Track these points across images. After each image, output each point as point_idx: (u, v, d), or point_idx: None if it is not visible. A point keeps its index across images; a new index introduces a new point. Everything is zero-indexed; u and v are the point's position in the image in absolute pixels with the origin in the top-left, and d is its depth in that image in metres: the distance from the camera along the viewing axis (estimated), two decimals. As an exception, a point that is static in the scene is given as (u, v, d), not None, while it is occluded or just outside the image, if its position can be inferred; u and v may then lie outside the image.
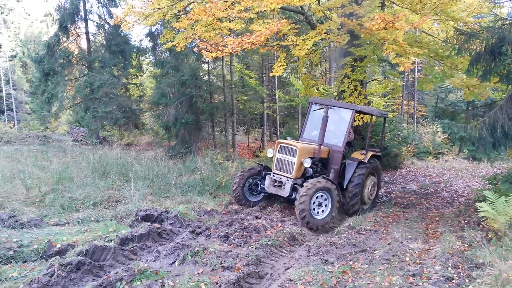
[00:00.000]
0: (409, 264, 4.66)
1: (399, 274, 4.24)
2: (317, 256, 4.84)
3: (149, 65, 23.77)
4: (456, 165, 17.72)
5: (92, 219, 6.64)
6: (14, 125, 37.36)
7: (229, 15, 9.08)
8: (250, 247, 5.05)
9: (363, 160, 8.24)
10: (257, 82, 20.22)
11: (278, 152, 7.80)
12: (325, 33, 8.78)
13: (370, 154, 8.47)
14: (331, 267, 4.41)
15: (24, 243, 5.30)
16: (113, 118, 18.42)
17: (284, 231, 5.88)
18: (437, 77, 11.07)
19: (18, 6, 46.27)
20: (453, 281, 4.02)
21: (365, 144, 9.08)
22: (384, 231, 6.47)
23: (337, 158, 8.06)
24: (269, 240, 5.28)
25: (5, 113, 39.31)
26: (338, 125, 8.51)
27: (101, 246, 4.61)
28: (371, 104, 17.20)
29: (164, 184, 8.98)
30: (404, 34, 7.94)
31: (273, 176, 7.71)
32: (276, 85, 22.31)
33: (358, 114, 10.39)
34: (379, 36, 7.56)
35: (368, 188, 8.46)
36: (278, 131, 23.46)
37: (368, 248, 5.34)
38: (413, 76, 25.88)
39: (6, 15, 43.82)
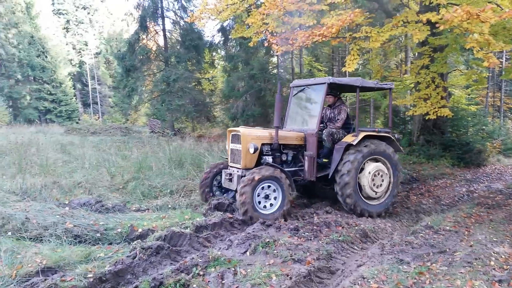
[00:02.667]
0: (494, 268, 4.30)
1: (482, 279, 3.94)
2: (391, 255, 4.67)
3: (221, 59, 24.48)
4: (550, 163, 15.95)
5: (169, 206, 7.05)
6: (99, 117, 40.78)
7: (300, 8, 8.97)
8: (320, 242, 5.01)
9: (352, 143, 6.78)
10: (326, 75, 19.87)
11: (231, 142, 6.94)
12: (401, 25, 8.28)
13: (362, 134, 6.89)
14: (407, 267, 4.23)
15: (109, 227, 5.79)
16: (185, 111, 19.30)
17: (356, 228, 5.75)
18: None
19: (102, 6, 50.06)
20: (547, 291, 3.65)
21: (445, 140, 8.33)
22: (466, 232, 6.04)
23: (312, 143, 6.91)
24: (340, 236, 5.20)
25: (91, 106, 43.02)
26: (314, 106, 7.43)
27: (178, 232, 4.87)
28: (452, 96, 16.08)
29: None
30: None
31: (228, 169, 6.96)
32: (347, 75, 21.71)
33: (362, 91, 8.02)
34: (461, 27, 6.95)
35: (368, 179, 6.86)
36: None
37: (447, 250, 5.03)
38: (500, 65, 23.65)
39: (92, 15, 47.66)
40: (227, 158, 7.24)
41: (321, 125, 7.40)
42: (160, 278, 3.72)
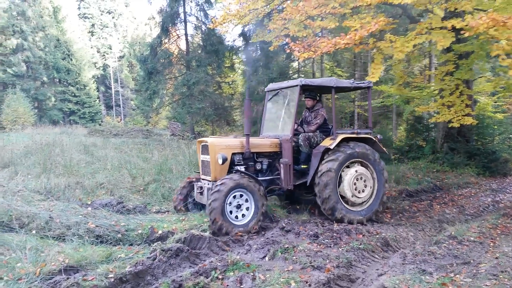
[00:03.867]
0: (521, 283, 4.15)
1: (509, 294, 3.81)
2: (413, 264, 4.56)
3: (241, 63, 24.60)
4: None
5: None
6: (121, 120, 41.54)
7: (322, 12, 8.91)
8: (340, 249, 4.95)
9: (329, 147, 6.44)
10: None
11: (201, 154, 6.61)
12: (426, 33, 8.09)
13: (340, 137, 6.55)
14: (429, 278, 4.12)
15: (130, 228, 5.87)
16: (205, 114, 19.48)
17: (377, 236, 5.65)
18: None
19: (126, 10, 51.16)
20: None
21: (470, 148, 8.04)
22: (491, 244, 5.85)
23: (287, 150, 6.54)
24: (360, 244, 5.12)
25: (114, 108, 43.88)
26: (288, 110, 7.07)
27: (197, 235, 4.90)
28: (478, 104, 15.68)
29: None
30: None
31: (200, 182, 6.61)
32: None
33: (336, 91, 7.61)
34: (488, 34, 6.75)
35: (349, 183, 6.48)
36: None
37: (471, 261, 4.88)
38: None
39: (116, 19, 48.75)
40: (199, 172, 6.89)
41: (299, 127, 7.03)
42: (179, 280, 3.74)
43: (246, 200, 5.83)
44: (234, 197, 5.71)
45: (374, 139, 7.09)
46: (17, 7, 33.21)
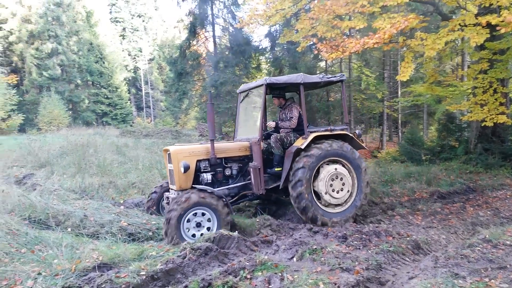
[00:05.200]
0: (562, 290, 3.98)
1: (549, 301, 3.66)
2: (445, 268, 4.45)
3: (267, 64, 24.63)
4: None
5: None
6: (151, 121, 42.44)
7: (350, 11, 8.79)
8: (369, 251, 4.89)
9: (301, 147, 6.13)
10: (376, 80, 19.35)
11: (168, 163, 6.27)
12: (458, 29, 7.86)
13: (312, 136, 6.24)
14: (462, 282, 4.01)
15: (161, 226, 6.01)
16: (233, 114, 19.61)
17: (408, 238, 5.54)
18: None
19: (156, 14, 52.23)
20: None
21: (505, 148, 7.65)
22: (528, 249, 5.63)
23: (256, 153, 6.26)
24: (390, 246, 5.03)
25: (144, 109, 44.89)
26: (256, 111, 6.80)
27: (226, 235, 4.95)
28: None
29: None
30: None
31: (169, 191, 6.41)
32: (399, 83, 21.04)
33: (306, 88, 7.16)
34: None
35: (325, 184, 6.18)
36: (400, 131, 22.13)
37: (508, 266, 4.70)
38: None
39: (146, 23, 49.85)
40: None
41: (273, 127, 6.79)
42: (208, 279, 3.81)
43: (209, 220, 5.48)
44: (195, 214, 5.39)
45: (351, 135, 6.72)
46: (52, 12, 34.55)
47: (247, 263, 4.24)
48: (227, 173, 6.43)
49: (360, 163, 6.53)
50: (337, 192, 6.29)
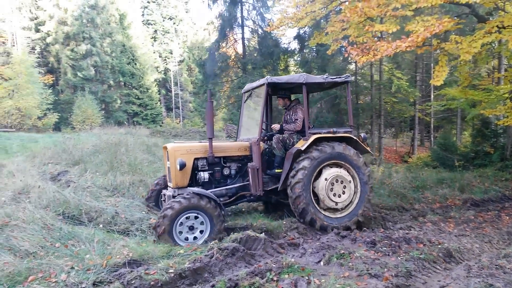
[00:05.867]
0: None
1: None
2: (479, 278, 4.29)
3: (296, 66, 24.55)
4: None
5: (244, 209, 7.22)
6: (180, 121, 43.11)
7: (382, 14, 8.61)
8: (399, 258, 4.78)
9: (300, 148, 5.97)
10: (408, 83, 18.89)
11: (167, 160, 6.19)
12: (495, 32, 7.56)
13: (313, 137, 6.08)
14: (497, 294, 3.87)
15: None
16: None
17: (439, 246, 5.38)
18: None
19: (186, 16, 53.06)
20: None
21: None
22: None
23: (256, 153, 6.13)
24: (421, 254, 4.91)
25: (173, 110, 45.68)
26: (258, 110, 6.65)
27: (253, 236, 4.97)
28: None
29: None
30: None
31: (167, 189, 6.36)
32: (432, 86, 20.46)
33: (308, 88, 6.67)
34: None
35: (325, 187, 5.99)
36: (432, 135, 21.53)
37: (546, 279, 4.50)
38: None
39: (177, 25, 50.72)
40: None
41: (277, 130, 6.58)
42: (235, 279, 3.83)
43: (201, 223, 5.37)
44: (188, 217, 5.29)
45: (355, 138, 6.47)
46: (87, 15, 35.70)
47: (274, 265, 4.23)
48: (225, 173, 6.36)
49: (362, 167, 6.31)
50: (338, 196, 6.10)
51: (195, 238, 5.33)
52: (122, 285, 3.72)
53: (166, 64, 48.35)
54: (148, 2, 48.89)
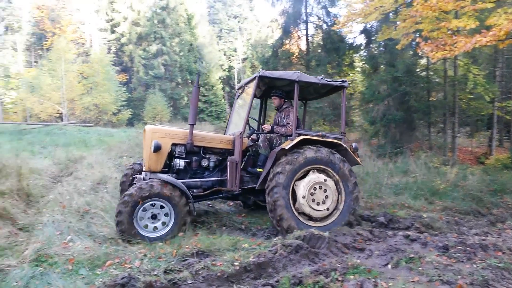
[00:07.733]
0: None
1: None
2: None
3: (362, 62, 23.81)
4: None
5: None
6: (242, 118, 43.67)
7: (458, 7, 7.98)
8: (474, 265, 4.47)
9: (285, 147, 5.56)
10: (485, 80, 17.44)
11: (144, 142, 5.91)
12: None
13: (299, 138, 5.65)
14: None
15: (252, 221, 6.24)
16: (323, 114, 19.39)
17: (522, 256, 4.97)
18: None
19: (251, 14, 53.73)
20: None
21: None
22: None
23: (238, 147, 5.78)
24: (500, 262, 4.55)
25: (236, 107, 46.45)
26: (246, 105, 6.20)
27: (317, 234, 4.95)
28: None
29: (374, 183, 8.92)
30: None
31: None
32: (515, 81, 18.76)
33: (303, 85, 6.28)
34: None
35: (304, 192, 5.49)
36: (512, 135, 19.80)
37: None
38: None
39: (241, 24, 51.57)
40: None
41: (267, 129, 6.26)
42: (299, 276, 3.85)
43: (166, 215, 5.19)
44: (153, 204, 5.13)
45: (345, 146, 6.01)
46: (158, 16, 37.60)
47: (339, 265, 4.19)
48: (203, 164, 6.07)
49: (348, 176, 5.80)
50: (318, 204, 5.61)
51: (155, 228, 5.17)
52: (191, 274, 3.89)
53: (230, 62, 49.41)
54: (214, 1, 50.25)
